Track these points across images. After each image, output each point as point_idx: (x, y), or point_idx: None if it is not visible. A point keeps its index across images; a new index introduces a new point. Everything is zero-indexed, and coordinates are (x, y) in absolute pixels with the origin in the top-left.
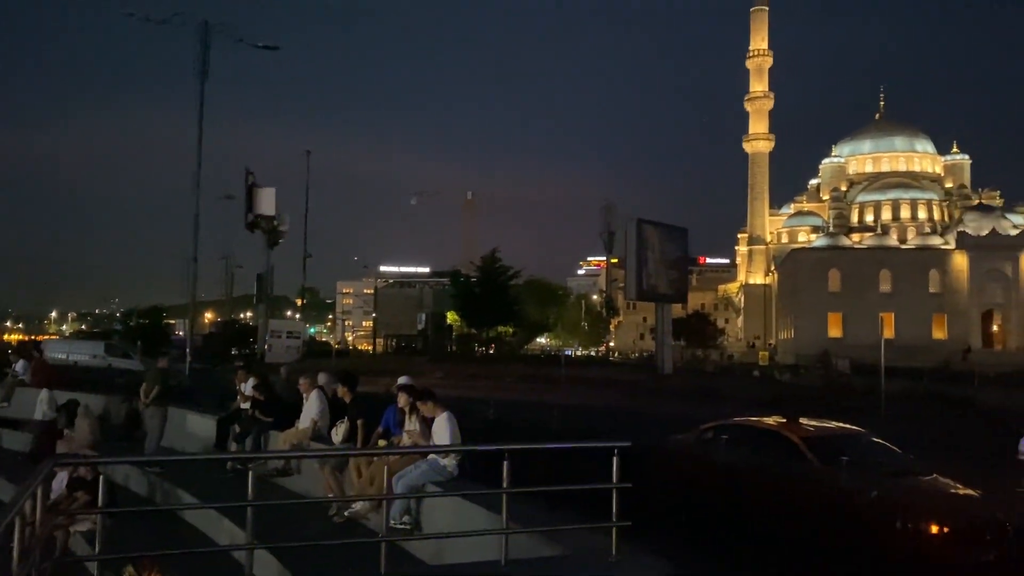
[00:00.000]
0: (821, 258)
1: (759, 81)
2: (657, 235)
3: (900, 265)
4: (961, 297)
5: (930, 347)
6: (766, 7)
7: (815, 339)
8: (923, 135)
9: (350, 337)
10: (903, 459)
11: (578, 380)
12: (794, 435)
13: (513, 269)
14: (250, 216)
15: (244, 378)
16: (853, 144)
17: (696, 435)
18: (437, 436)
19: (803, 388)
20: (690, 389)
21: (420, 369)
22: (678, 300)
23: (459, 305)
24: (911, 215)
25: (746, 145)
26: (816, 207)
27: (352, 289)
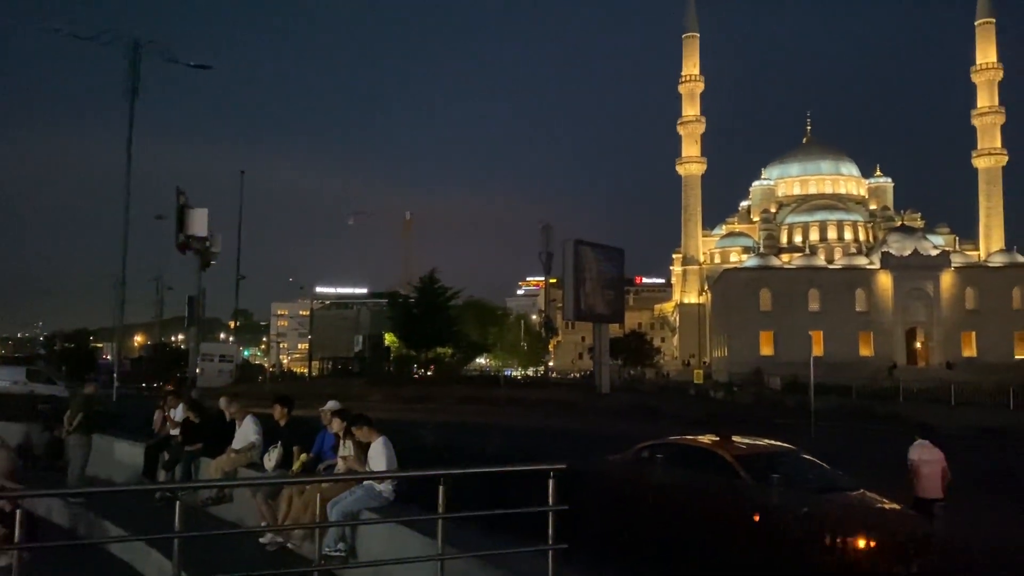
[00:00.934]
0: (752, 278)
1: (691, 105)
2: (594, 256)
3: (828, 284)
4: (886, 315)
5: (857, 364)
6: (696, 34)
7: (748, 357)
8: (848, 159)
9: (285, 360)
10: (832, 475)
11: (517, 401)
12: (727, 453)
13: (452, 289)
14: (181, 237)
15: (174, 404)
16: (782, 167)
17: (632, 455)
18: (373, 461)
19: (737, 406)
20: (628, 408)
21: (357, 392)
22: (615, 320)
23: (397, 326)
24: (838, 236)
25: (679, 168)
26: (747, 228)
27: (287, 311)
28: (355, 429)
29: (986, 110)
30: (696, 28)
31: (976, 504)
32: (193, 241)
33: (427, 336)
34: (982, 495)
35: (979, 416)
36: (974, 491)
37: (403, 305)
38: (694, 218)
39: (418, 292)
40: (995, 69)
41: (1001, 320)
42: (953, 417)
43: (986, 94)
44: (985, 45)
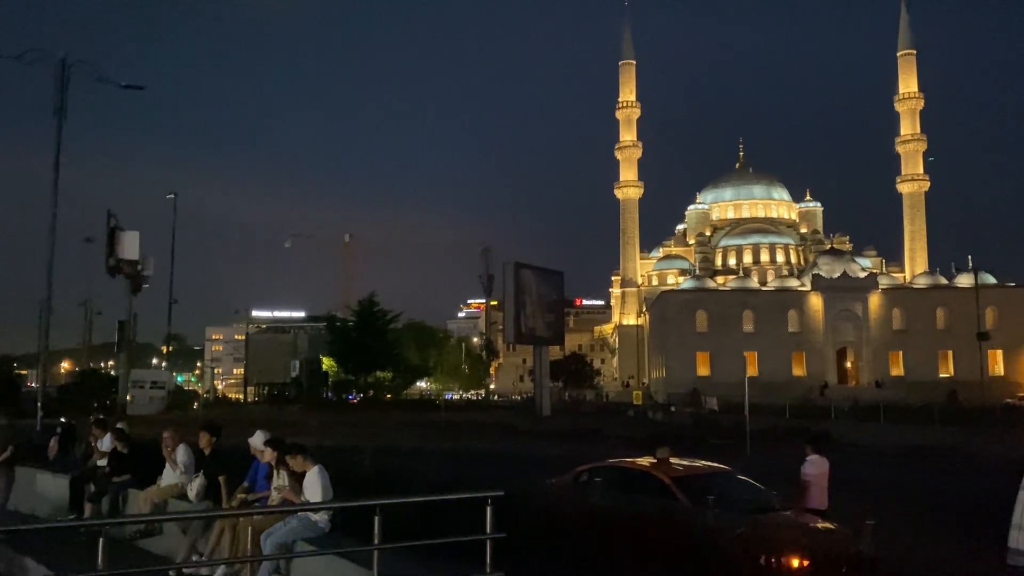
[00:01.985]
0: (689, 300)
1: (628, 131)
2: (534, 279)
3: (761, 306)
4: (817, 336)
5: (790, 383)
6: (633, 61)
7: (685, 378)
8: (779, 184)
9: (220, 386)
10: (766, 495)
11: (458, 425)
12: (665, 476)
13: (392, 313)
14: (111, 260)
15: (100, 433)
16: (716, 191)
17: (571, 478)
18: (308, 491)
19: (675, 427)
20: (568, 430)
21: (293, 418)
22: (555, 342)
23: (335, 350)
24: (770, 258)
25: (617, 192)
26: (683, 251)
27: (222, 335)
28: (289, 458)
29: (909, 137)
30: (632, 55)
31: (904, 523)
32: (124, 264)
33: (366, 360)
34: (910, 513)
35: (907, 434)
36: (903, 509)
37: (341, 329)
38: (632, 241)
39: (356, 316)
40: (916, 98)
41: (926, 340)
42: (882, 435)
43: (908, 122)
44: (907, 75)
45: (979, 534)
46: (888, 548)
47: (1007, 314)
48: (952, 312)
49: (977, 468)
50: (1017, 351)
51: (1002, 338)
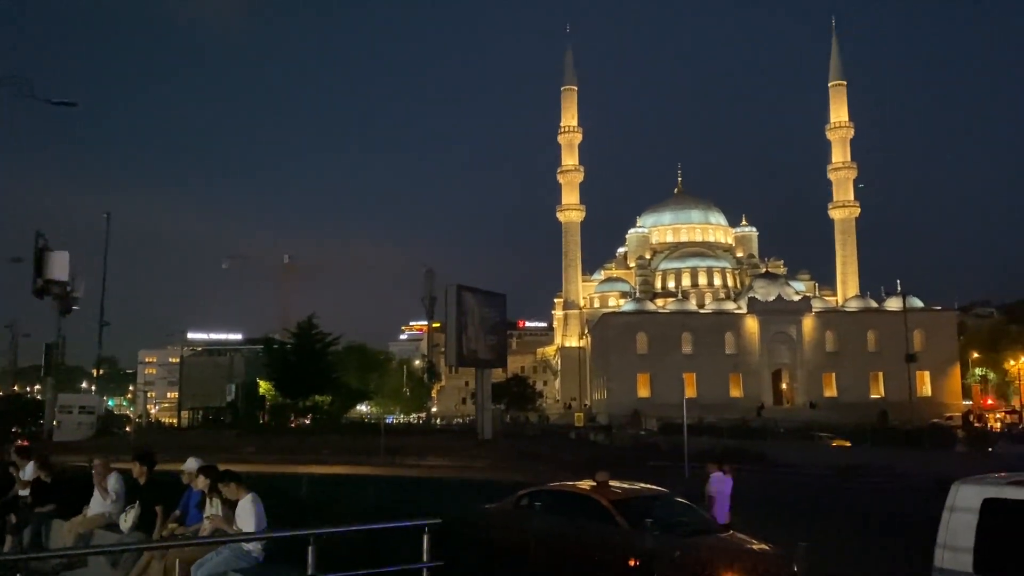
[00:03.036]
0: (629, 322)
1: (570, 155)
2: (476, 301)
3: (699, 328)
4: (753, 358)
5: (728, 405)
6: (575, 87)
7: (626, 399)
8: (716, 208)
9: (153, 410)
10: (703, 517)
11: (399, 449)
12: (604, 499)
13: (332, 335)
14: (39, 281)
15: (23, 462)
16: (656, 215)
17: (511, 503)
18: (241, 520)
19: (616, 449)
20: (510, 454)
21: (229, 444)
22: (498, 365)
23: (273, 374)
24: (708, 282)
25: (560, 215)
26: (624, 274)
27: (156, 358)
28: (222, 486)
29: (840, 165)
30: (574, 81)
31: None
32: (52, 285)
33: (304, 383)
34: (842, 533)
35: (839, 454)
36: (835, 529)
37: (279, 352)
38: (574, 263)
39: (295, 338)
40: (847, 127)
41: (858, 361)
42: (816, 455)
43: (839, 150)
44: (838, 105)
45: (907, 553)
46: (820, 569)
47: (933, 337)
48: (882, 335)
49: (907, 487)
50: (943, 372)
51: (929, 360)
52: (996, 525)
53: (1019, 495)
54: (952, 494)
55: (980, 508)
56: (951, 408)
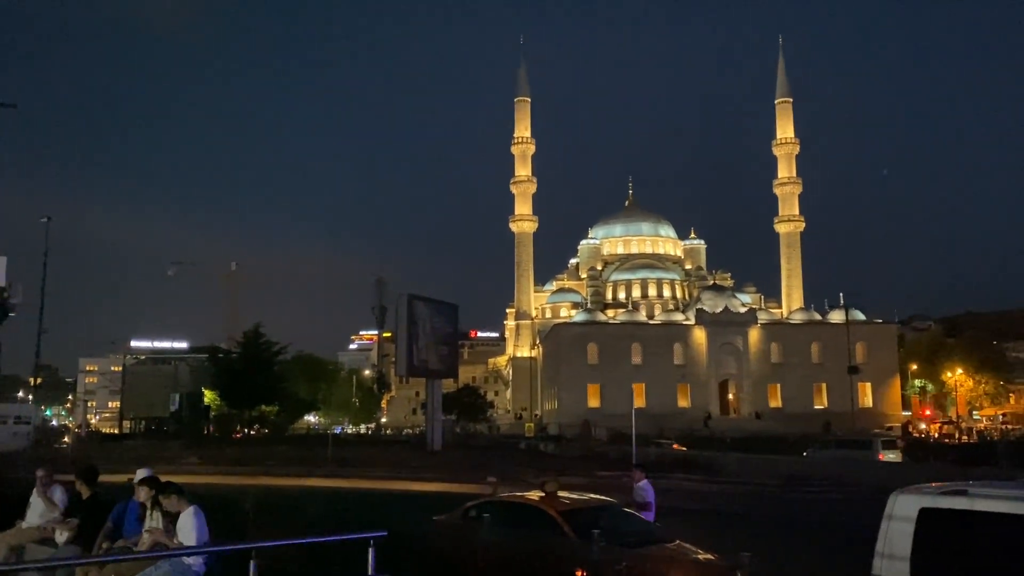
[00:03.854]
0: (580, 332)
1: (523, 166)
2: (428, 311)
3: (649, 339)
4: (701, 368)
5: (676, 415)
6: (528, 98)
7: (577, 409)
8: (666, 221)
9: (93, 420)
10: (650, 527)
11: (347, 460)
12: (552, 510)
13: (279, 344)
14: None
15: None
16: (607, 227)
17: (460, 515)
18: (182, 534)
19: (566, 459)
20: (460, 465)
21: (172, 455)
22: (448, 375)
23: (218, 383)
24: (657, 293)
25: (512, 225)
26: (576, 284)
27: (97, 367)
28: (163, 498)
29: (785, 180)
30: (527, 92)
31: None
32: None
33: (251, 393)
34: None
35: (784, 464)
36: (779, 539)
37: (225, 361)
38: (526, 274)
39: (241, 347)
40: (792, 143)
41: (802, 373)
42: (762, 465)
43: (785, 166)
44: (784, 122)
45: (849, 562)
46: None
47: (875, 349)
48: (825, 347)
49: (849, 497)
50: (884, 384)
51: (871, 372)
52: (931, 534)
53: (953, 504)
54: (890, 504)
55: (916, 517)
56: (891, 419)
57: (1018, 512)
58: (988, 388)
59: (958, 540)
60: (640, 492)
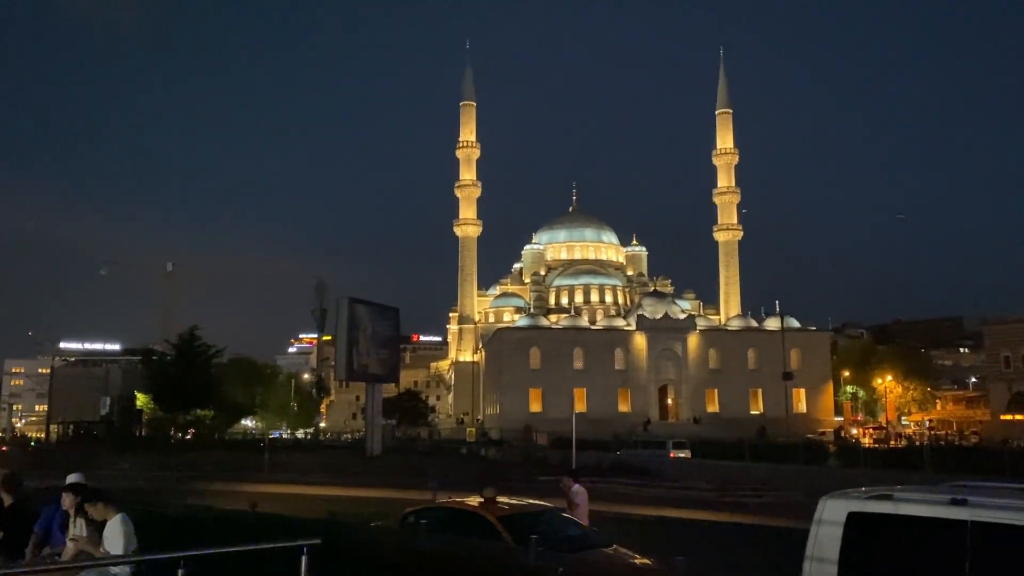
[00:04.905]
0: (523, 337)
1: (468, 170)
2: (369, 314)
3: (591, 344)
4: (641, 374)
5: (616, 419)
6: (473, 103)
7: (518, 414)
8: (609, 228)
9: (19, 424)
10: (588, 532)
11: (283, 466)
12: (491, 515)
13: (215, 347)
14: None
15: None
16: (551, 233)
17: (398, 520)
18: (108, 542)
19: (507, 463)
20: (400, 470)
21: (102, 460)
22: (389, 380)
23: (151, 386)
24: (600, 299)
25: (457, 229)
26: (519, 289)
27: (24, 368)
28: (88, 506)
29: (725, 190)
30: (473, 97)
31: (713, 556)
32: None
33: (185, 397)
34: (721, 546)
35: (719, 468)
36: (714, 542)
37: (158, 363)
38: (470, 278)
39: (176, 349)
40: (732, 154)
41: (739, 378)
42: (699, 469)
43: (725, 175)
44: (724, 132)
45: (781, 566)
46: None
47: (809, 356)
48: (761, 353)
49: (782, 500)
50: (817, 390)
51: (804, 378)
52: (859, 537)
53: (880, 508)
54: (819, 508)
55: (845, 521)
56: (824, 424)
57: (939, 516)
58: (916, 394)
59: (884, 543)
60: (572, 497)
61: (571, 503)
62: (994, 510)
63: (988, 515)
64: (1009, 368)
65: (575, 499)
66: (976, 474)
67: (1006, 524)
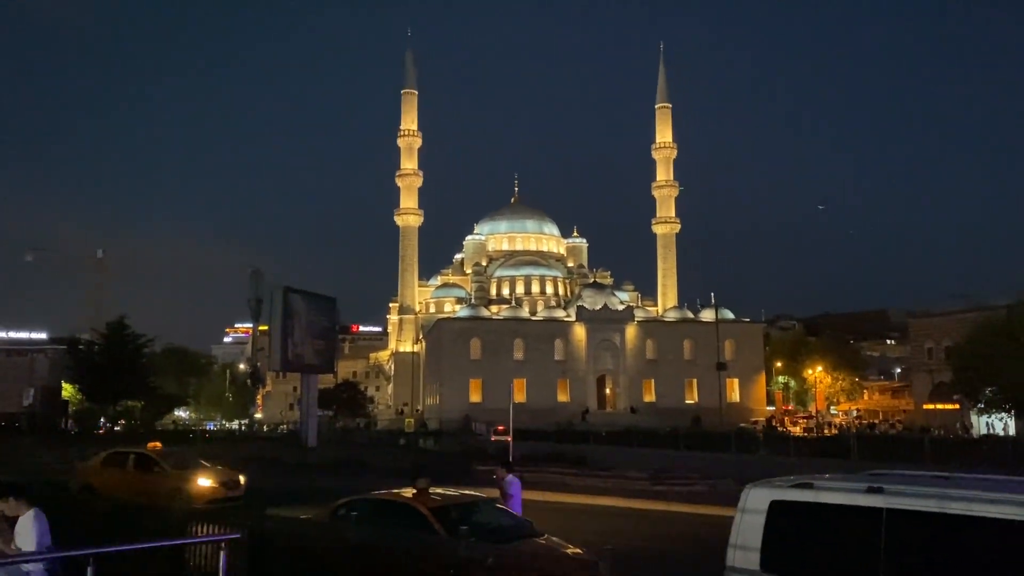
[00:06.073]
0: (464, 327)
1: (409, 159)
2: (305, 304)
3: (531, 335)
4: (580, 364)
5: (556, 409)
6: (415, 91)
7: (458, 404)
8: (550, 219)
9: None
10: (521, 522)
11: (215, 457)
12: (423, 507)
13: (146, 336)
14: None
15: None
16: (492, 223)
17: (329, 513)
18: (20, 539)
19: (445, 454)
20: (336, 461)
21: (24, 452)
22: (325, 370)
23: (79, 377)
24: (540, 290)
25: (397, 218)
26: (460, 280)
27: None
28: (0, 501)
29: (663, 183)
30: (415, 85)
31: (641, 545)
32: None
33: (113, 388)
34: (649, 535)
35: (654, 457)
36: (642, 532)
37: (86, 353)
38: (411, 268)
39: (104, 339)
40: (670, 148)
41: (675, 369)
42: (634, 458)
43: (663, 169)
44: (663, 127)
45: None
46: (625, 571)
47: (742, 347)
48: (697, 344)
49: (713, 489)
50: (750, 380)
51: (738, 368)
52: (781, 525)
53: (802, 497)
54: (743, 497)
55: (767, 509)
56: (756, 413)
57: (856, 503)
58: (844, 384)
59: (805, 530)
60: (505, 487)
61: (504, 493)
62: (908, 497)
63: (902, 502)
64: (932, 359)
65: (508, 489)
66: (899, 461)
67: (919, 511)
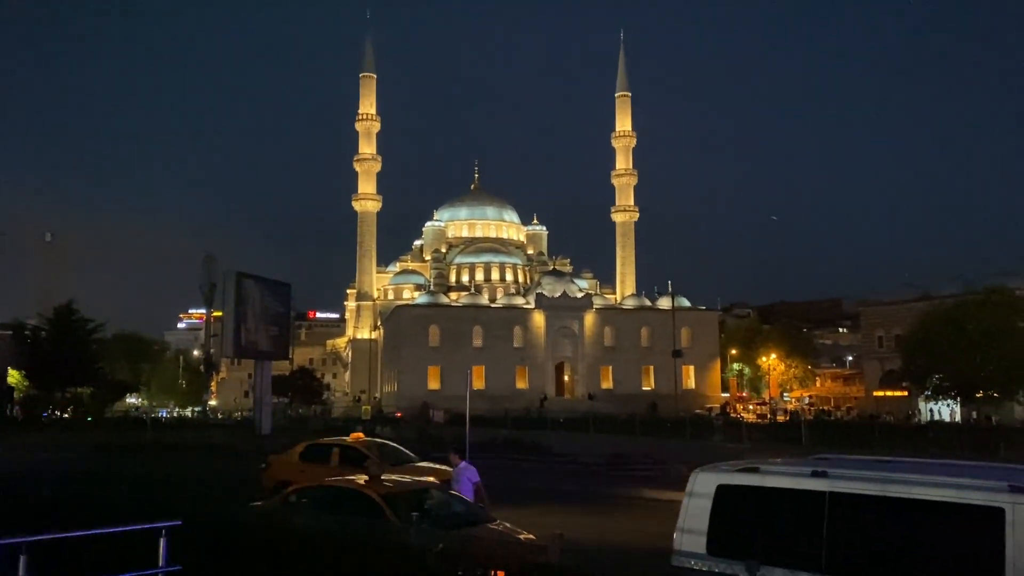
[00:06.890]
0: (423, 314)
1: (368, 144)
2: (259, 290)
3: (490, 322)
4: (539, 351)
5: (515, 396)
6: (373, 75)
7: (416, 391)
8: (510, 207)
9: None
10: (473, 508)
11: (168, 445)
12: (375, 493)
13: (95, 322)
14: None
15: None
16: (452, 210)
17: (279, 500)
18: None
19: (402, 441)
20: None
21: None
22: (280, 357)
23: (24, 363)
24: (500, 277)
25: (355, 204)
26: (420, 266)
27: None
28: None
29: (623, 172)
30: (373, 69)
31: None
32: None
33: (61, 374)
34: (597, 519)
35: (611, 443)
36: (592, 516)
37: (31, 339)
38: (369, 254)
39: (51, 324)
40: (630, 136)
41: (632, 356)
42: (590, 445)
43: (623, 158)
44: (623, 115)
45: (662, 536)
46: (573, 556)
47: (698, 334)
48: (654, 331)
49: (668, 474)
50: (706, 367)
51: (694, 355)
52: (727, 509)
53: (747, 481)
54: (691, 481)
55: (714, 493)
56: (711, 400)
57: (800, 487)
58: (797, 372)
59: (751, 514)
60: (458, 475)
61: (457, 479)
62: (850, 481)
63: (844, 486)
64: (882, 347)
65: (461, 475)
66: (850, 447)
67: (860, 494)
